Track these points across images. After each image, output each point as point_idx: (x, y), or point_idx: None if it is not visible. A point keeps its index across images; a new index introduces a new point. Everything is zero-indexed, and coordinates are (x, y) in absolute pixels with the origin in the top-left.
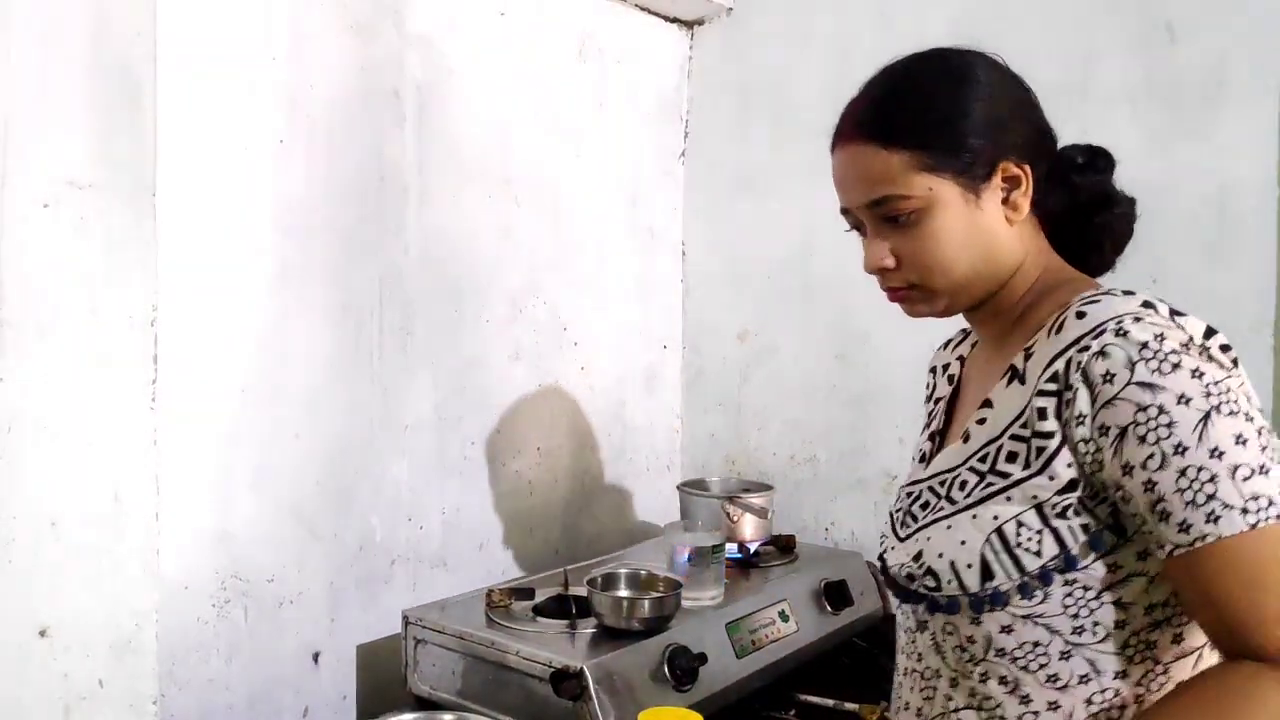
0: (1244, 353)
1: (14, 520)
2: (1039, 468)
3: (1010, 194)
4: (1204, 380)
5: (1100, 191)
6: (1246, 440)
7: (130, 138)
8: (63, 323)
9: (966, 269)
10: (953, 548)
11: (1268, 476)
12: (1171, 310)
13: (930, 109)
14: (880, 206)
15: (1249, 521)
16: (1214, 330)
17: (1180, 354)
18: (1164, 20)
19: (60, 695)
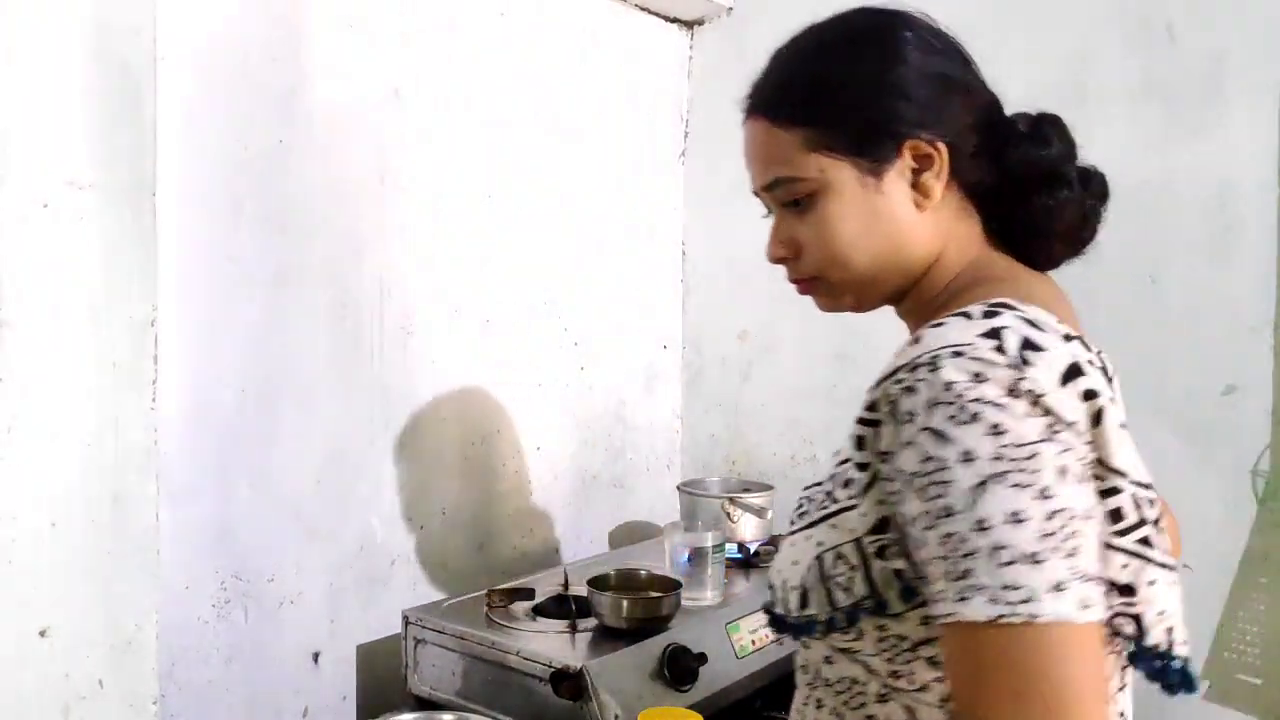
0: (1244, 353)
1: (14, 520)
2: (855, 500)
3: (920, 176)
4: (1001, 441)
5: (1039, 168)
6: (1024, 520)
7: (130, 137)
8: (62, 323)
9: (868, 260)
10: (787, 566)
11: (1037, 567)
12: (1027, 343)
13: (824, 81)
14: (774, 190)
15: (990, 613)
16: (1078, 372)
17: (985, 404)
18: (1164, 20)
19: (60, 695)
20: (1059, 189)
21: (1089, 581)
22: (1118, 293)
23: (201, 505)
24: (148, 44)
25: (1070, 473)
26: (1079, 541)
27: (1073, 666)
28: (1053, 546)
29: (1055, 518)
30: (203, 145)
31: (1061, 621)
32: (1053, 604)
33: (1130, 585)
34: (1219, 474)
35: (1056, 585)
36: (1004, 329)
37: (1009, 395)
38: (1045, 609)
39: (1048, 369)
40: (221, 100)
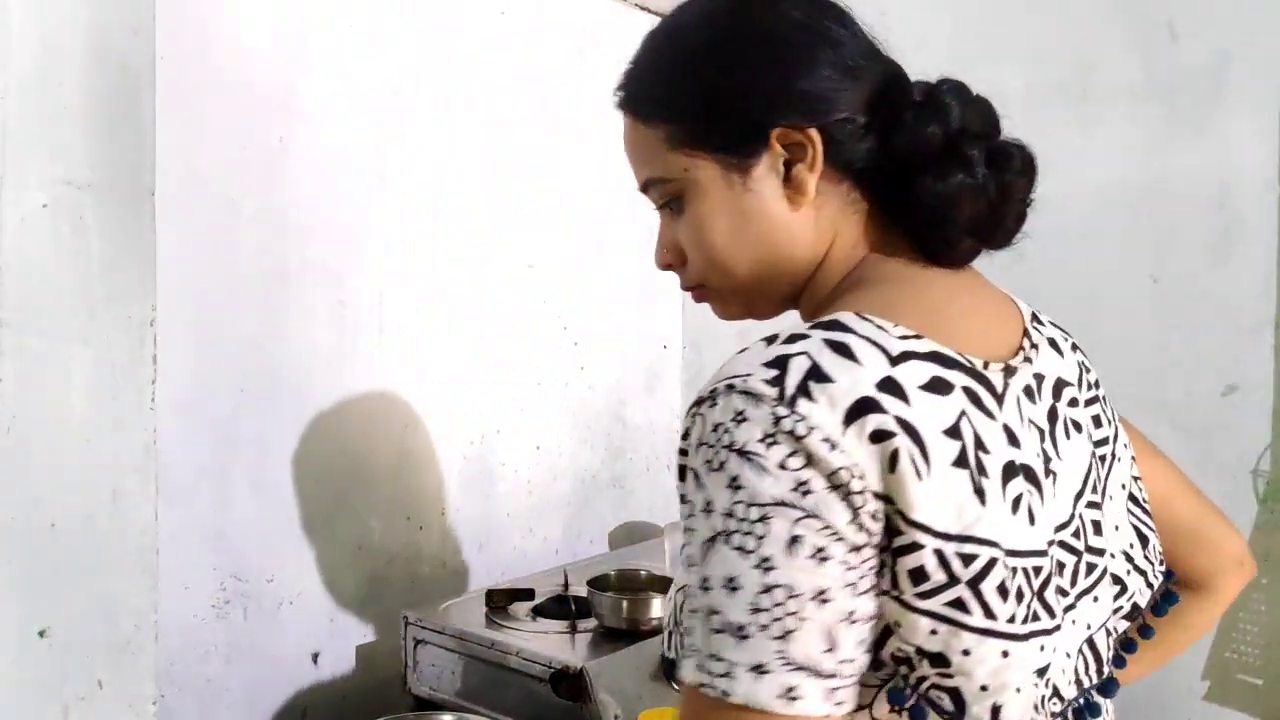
0: (1244, 353)
1: (13, 520)
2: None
3: (792, 168)
4: (735, 496)
5: (927, 147)
6: (739, 589)
7: (129, 137)
8: (62, 323)
9: (746, 266)
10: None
11: (739, 642)
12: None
13: (681, 70)
14: (649, 191)
15: (692, 680)
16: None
17: (733, 452)
18: (1164, 20)
19: (59, 695)
20: (951, 171)
21: (800, 670)
22: (1118, 292)
23: (201, 505)
24: (147, 43)
25: (804, 545)
26: (795, 625)
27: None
28: (761, 624)
29: (771, 593)
30: (202, 145)
31: (755, 708)
32: (747, 687)
33: (940, 654)
34: (1219, 474)
35: (757, 667)
36: (794, 357)
37: (762, 442)
38: (739, 690)
39: (829, 406)
40: (221, 100)
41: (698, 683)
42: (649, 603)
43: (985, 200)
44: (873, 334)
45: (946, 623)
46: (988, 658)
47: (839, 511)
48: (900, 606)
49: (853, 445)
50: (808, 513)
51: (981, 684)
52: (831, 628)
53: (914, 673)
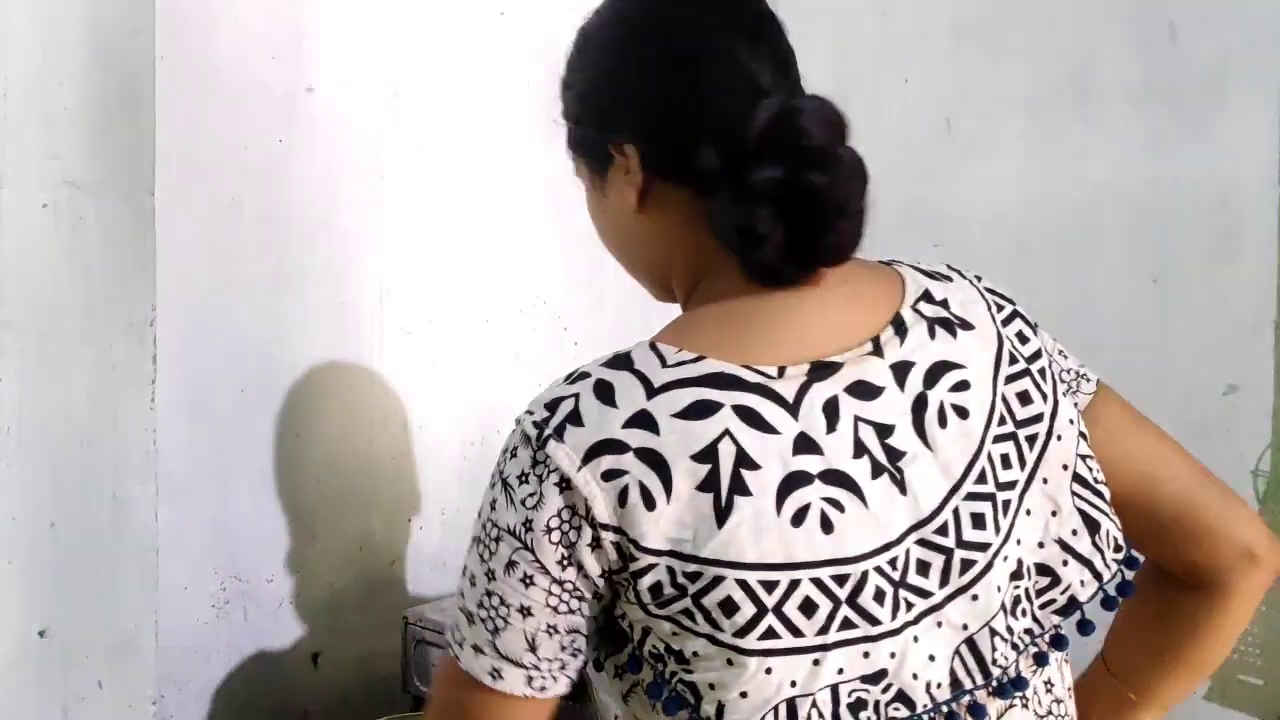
0: (1244, 353)
1: (13, 521)
2: None
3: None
4: (490, 514)
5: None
6: (474, 585)
7: (129, 137)
8: (62, 322)
9: (621, 259)
10: None
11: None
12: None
13: (565, 76)
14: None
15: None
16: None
17: (499, 478)
18: (1165, 20)
19: (59, 696)
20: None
21: (504, 659)
22: (1119, 292)
23: (201, 505)
24: (147, 44)
25: (517, 569)
26: (503, 625)
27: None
28: (482, 617)
29: (490, 597)
30: (202, 145)
31: (471, 675)
32: (469, 658)
33: (680, 651)
34: (1219, 474)
35: (475, 646)
36: (567, 398)
37: (518, 479)
38: (464, 658)
39: (571, 449)
40: (221, 99)
41: (446, 641)
42: None
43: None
44: (646, 367)
45: (681, 628)
46: (714, 661)
47: (549, 551)
48: (646, 615)
49: (584, 483)
50: (524, 546)
51: (710, 683)
52: (532, 635)
53: (666, 667)
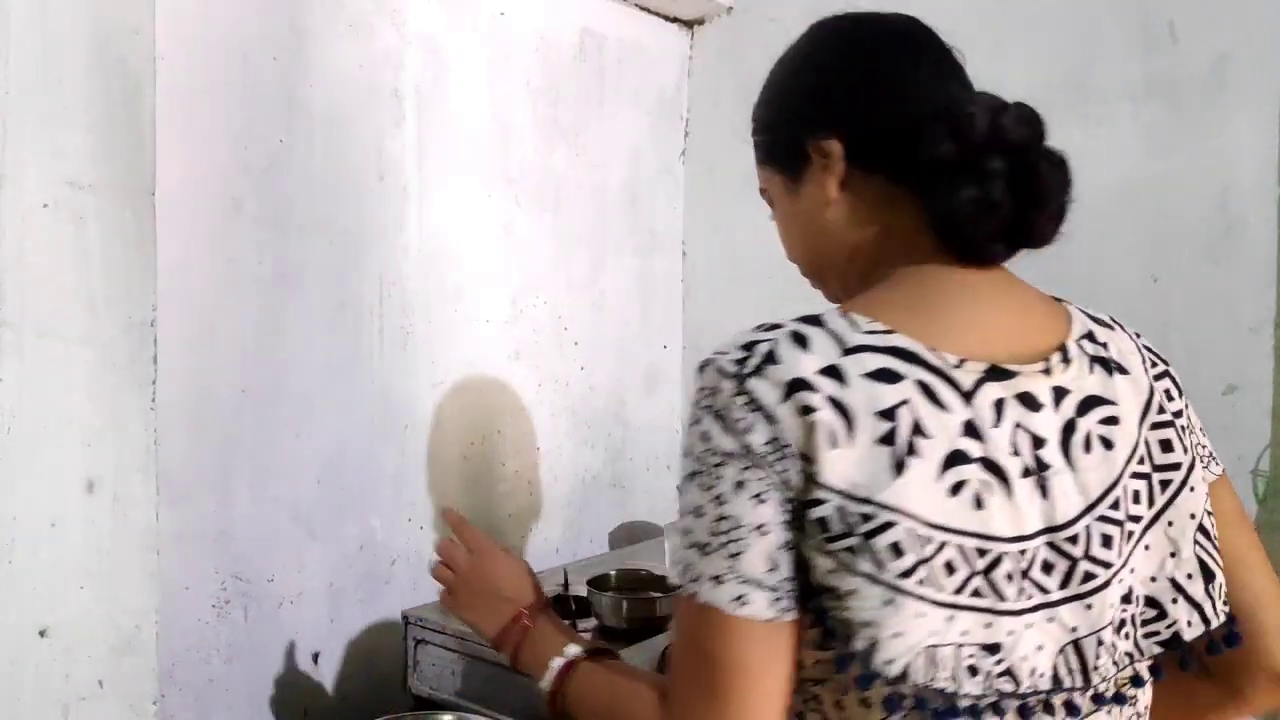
0: (1244, 353)
1: (14, 520)
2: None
3: (825, 175)
4: (705, 444)
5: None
6: (702, 515)
7: (129, 136)
8: (63, 323)
9: (809, 260)
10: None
11: (704, 557)
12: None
13: (761, 94)
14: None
15: (679, 582)
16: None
17: (706, 412)
18: (1164, 20)
19: (60, 695)
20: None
21: (748, 583)
22: (1119, 292)
23: (201, 505)
24: (147, 43)
25: (747, 489)
26: (743, 548)
27: (727, 649)
28: (719, 545)
29: (723, 522)
30: (202, 145)
31: (714, 607)
32: (709, 591)
33: (834, 587)
34: None
35: (715, 577)
36: (762, 341)
37: (726, 407)
38: (703, 593)
39: (772, 384)
40: (221, 100)
41: (678, 585)
42: (649, 603)
43: (999, 213)
44: (840, 329)
45: (839, 565)
46: (870, 601)
47: (769, 470)
48: (812, 550)
49: (786, 416)
50: (751, 465)
51: (863, 620)
52: (772, 553)
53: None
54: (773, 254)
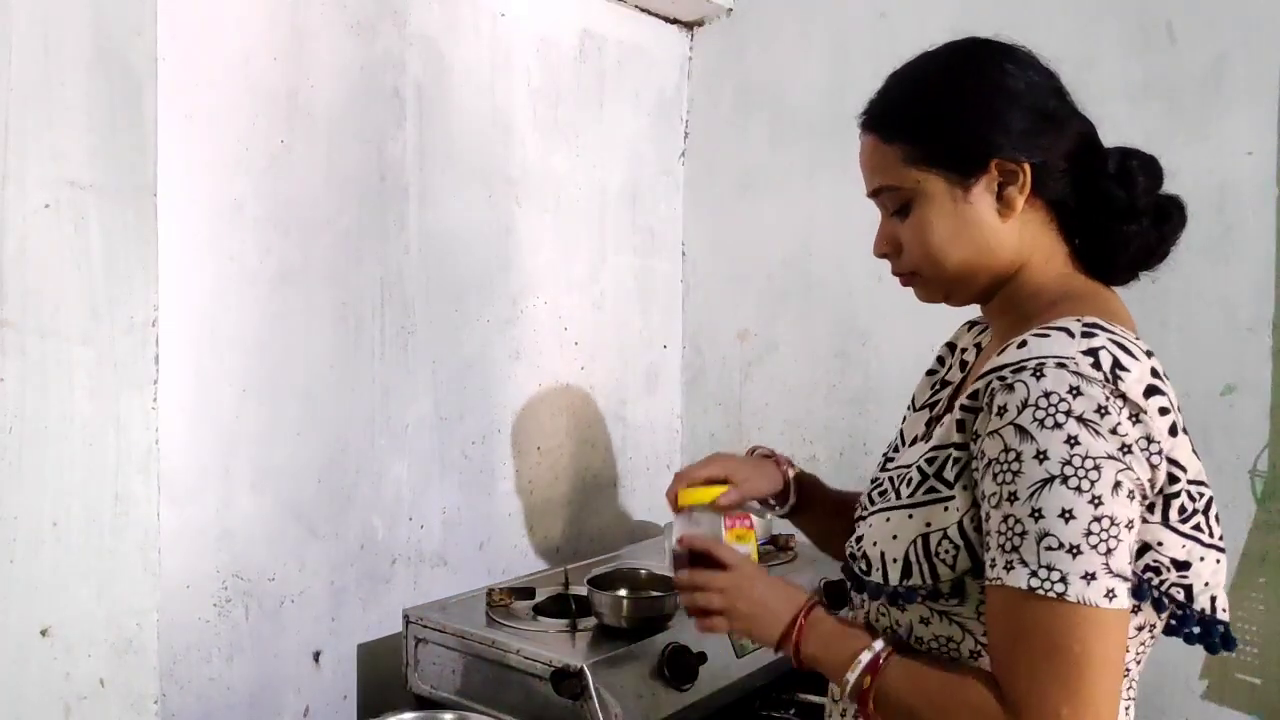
0: (1243, 353)
1: (15, 520)
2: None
3: (1005, 190)
4: (1073, 449)
5: (1114, 206)
6: (1074, 518)
7: (131, 137)
8: (63, 323)
9: (957, 261)
10: (885, 540)
11: (1074, 558)
12: (1117, 363)
13: (923, 104)
14: (879, 196)
15: (1030, 584)
16: (1157, 390)
17: (1070, 417)
18: (1164, 20)
19: (61, 695)
20: (1128, 224)
21: (1116, 577)
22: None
23: (202, 504)
24: (149, 44)
25: (1123, 488)
26: (1115, 545)
27: (1091, 643)
28: (1092, 545)
29: (1100, 522)
30: (204, 145)
31: (1086, 604)
32: (1080, 589)
33: (1186, 561)
34: (1218, 474)
35: (1087, 575)
36: (1100, 349)
37: (1096, 412)
38: (1073, 592)
39: (1136, 385)
40: (222, 100)
41: (1031, 586)
42: (649, 603)
43: (1147, 243)
44: (1127, 336)
45: (1192, 540)
46: (1208, 563)
47: (1143, 467)
48: (1167, 530)
49: (1151, 417)
50: (1126, 466)
51: (1205, 581)
52: (1132, 547)
53: (1159, 577)
54: (772, 254)
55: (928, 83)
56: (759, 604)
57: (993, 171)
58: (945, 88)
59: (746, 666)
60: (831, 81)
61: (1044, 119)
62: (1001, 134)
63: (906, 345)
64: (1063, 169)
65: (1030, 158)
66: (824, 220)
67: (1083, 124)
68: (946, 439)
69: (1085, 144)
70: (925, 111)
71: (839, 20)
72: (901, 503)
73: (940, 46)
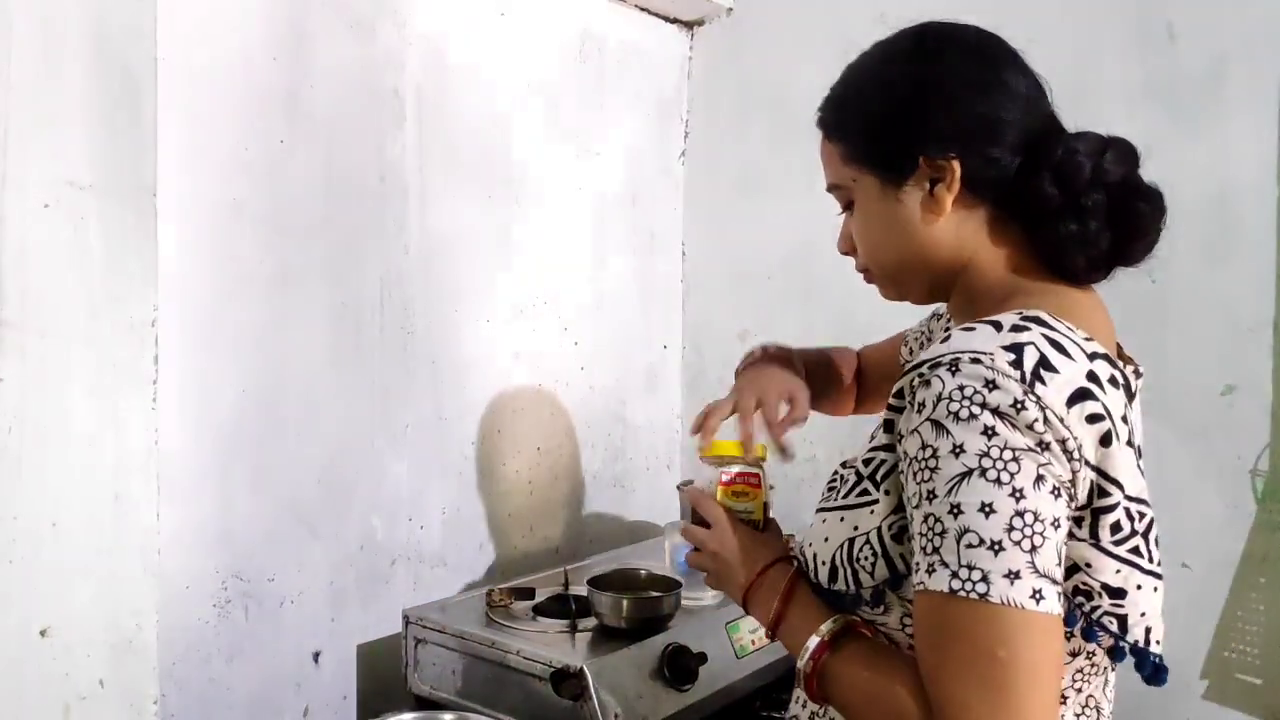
0: (1243, 353)
1: (15, 520)
2: (881, 486)
3: (934, 188)
4: (990, 441)
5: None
6: (994, 512)
7: (130, 137)
8: (63, 323)
9: (893, 258)
10: (818, 542)
11: (995, 555)
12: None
13: (856, 100)
14: (832, 193)
15: (952, 586)
16: (1086, 396)
17: (985, 409)
18: (1164, 20)
19: (60, 695)
20: (1065, 224)
21: (1043, 578)
22: (1117, 292)
23: (202, 505)
24: (148, 45)
25: (1046, 483)
26: (1041, 542)
27: (1019, 648)
28: (1015, 540)
29: (1022, 516)
30: (203, 145)
31: (1010, 605)
32: (1004, 589)
33: (1121, 589)
34: (1218, 474)
35: (1011, 574)
36: (1025, 345)
37: (1012, 407)
38: (996, 592)
39: (1056, 391)
40: (222, 101)
41: (952, 589)
42: (649, 603)
43: (1094, 248)
44: (1071, 335)
45: (1128, 565)
46: (1146, 592)
47: (1064, 468)
48: (1098, 551)
49: (1074, 423)
50: (1048, 461)
51: (1141, 611)
52: (1059, 547)
53: (1090, 603)
54: (772, 254)
55: (863, 77)
56: (725, 562)
57: (923, 169)
58: (876, 83)
59: (747, 667)
60: (831, 81)
61: (982, 113)
62: (930, 130)
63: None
64: (1004, 163)
65: (962, 154)
66: (824, 220)
67: (1035, 114)
68: (880, 440)
69: (1037, 136)
70: (857, 109)
71: (839, 20)
72: (836, 504)
73: (886, 39)
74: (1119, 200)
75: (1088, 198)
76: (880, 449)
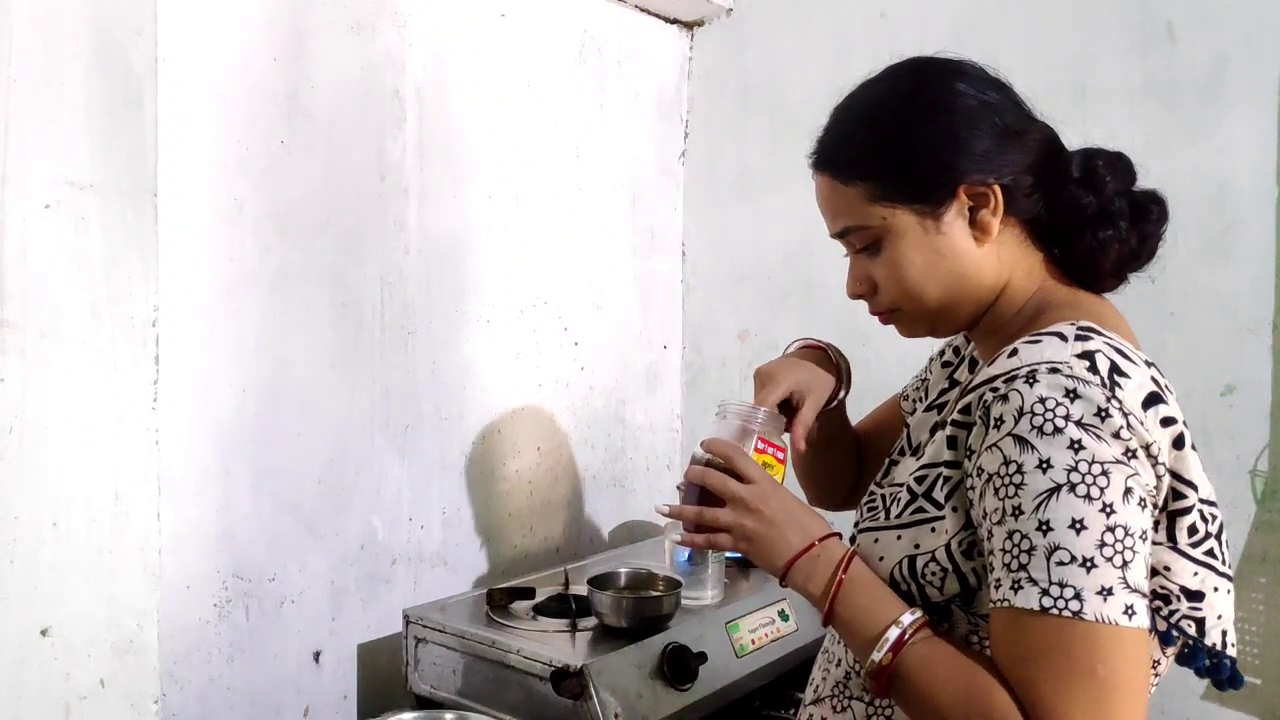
0: (1243, 353)
1: (15, 520)
2: (947, 503)
3: (977, 214)
4: (1078, 455)
5: (1084, 213)
6: (1085, 528)
7: (131, 138)
8: (63, 323)
9: (939, 293)
10: (872, 561)
11: (1088, 572)
12: (1115, 368)
13: (878, 138)
14: (845, 237)
15: (1043, 603)
16: (1158, 400)
17: (1070, 421)
18: (1164, 20)
19: (61, 695)
20: (1102, 229)
21: (1134, 593)
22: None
23: (202, 505)
24: (149, 45)
25: (1134, 495)
26: (1131, 557)
27: (1115, 663)
28: (1107, 557)
29: (1113, 532)
30: (204, 146)
31: (1105, 622)
32: (1098, 606)
33: (1199, 591)
34: (1218, 474)
35: (1104, 590)
36: (1095, 353)
37: (1096, 416)
38: (1090, 609)
39: (1133, 396)
40: (222, 101)
41: (1043, 606)
42: (649, 602)
43: (1127, 246)
44: (1128, 343)
45: (1205, 567)
46: (1221, 594)
47: (1149, 474)
48: (1176, 554)
49: (1152, 427)
50: (1134, 472)
51: (1218, 614)
52: (1148, 560)
53: (1168, 606)
54: (772, 254)
55: (879, 115)
56: (768, 522)
57: (962, 197)
58: (898, 118)
59: (747, 666)
60: (831, 81)
61: (1004, 134)
62: (964, 157)
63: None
64: (1030, 182)
65: (999, 177)
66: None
67: (1042, 131)
68: (937, 457)
69: (1049, 152)
70: (881, 147)
71: (839, 20)
72: (890, 523)
73: (882, 72)
74: (1133, 204)
75: (1116, 202)
76: (938, 465)
